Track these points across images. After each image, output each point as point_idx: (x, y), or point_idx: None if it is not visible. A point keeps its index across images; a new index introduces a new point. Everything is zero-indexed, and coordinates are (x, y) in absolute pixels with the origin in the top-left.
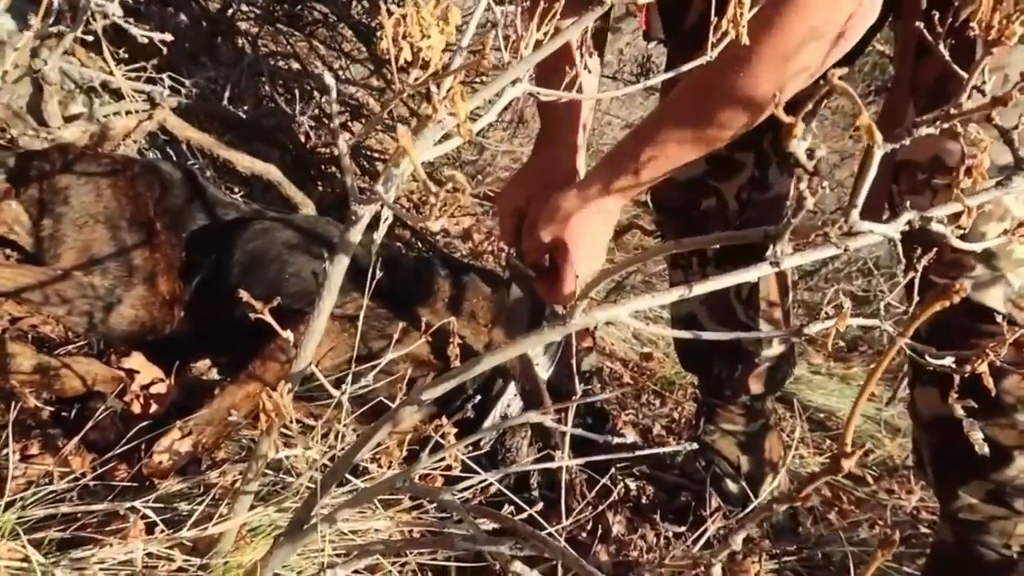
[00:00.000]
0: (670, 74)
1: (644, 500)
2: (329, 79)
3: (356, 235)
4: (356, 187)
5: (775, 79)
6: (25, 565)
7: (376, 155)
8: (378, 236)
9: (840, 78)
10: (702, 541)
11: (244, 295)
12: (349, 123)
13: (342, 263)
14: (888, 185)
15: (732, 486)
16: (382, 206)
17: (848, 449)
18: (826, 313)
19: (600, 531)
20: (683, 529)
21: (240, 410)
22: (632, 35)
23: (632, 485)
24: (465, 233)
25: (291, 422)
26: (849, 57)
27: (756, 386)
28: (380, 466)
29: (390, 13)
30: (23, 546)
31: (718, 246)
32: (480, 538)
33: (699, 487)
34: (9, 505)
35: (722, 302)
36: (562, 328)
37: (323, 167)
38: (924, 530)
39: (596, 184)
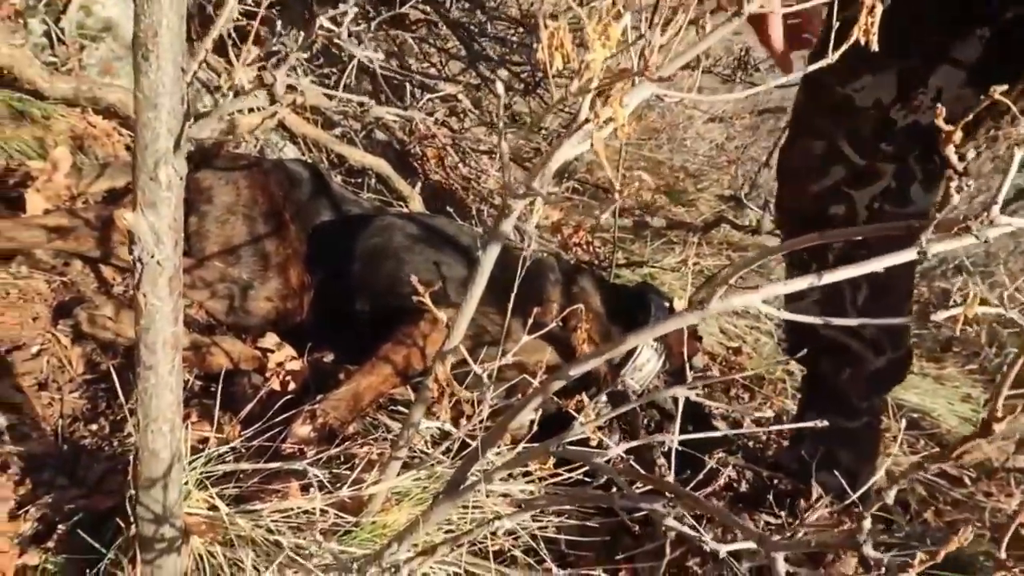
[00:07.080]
0: (781, 80)
1: (743, 490)
2: (500, 88)
3: (508, 226)
4: (512, 181)
5: None
6: (212, 513)
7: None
8: (530, 226)
9: (1002, 93)
10: (802, 531)
11: (413, 279)
12: (447, 118)
13: (493, 251)
14: None
15: (830, 479)
16: (532, 200)
17: (999, 414)
18: (954, 301)
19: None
20: (780, 522)
21: (369, 392)
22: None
23: (732, 474)
24: (554, 226)
25: (454, 393)
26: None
27: (863, 388)
28: None
29: (547, 26)
30: (210, 496)
31: (838, 254)
32: (635, 497)
33: (796, 479)
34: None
35: (838, 310)
36: (700, 312)
37: (424, 160)
38: None
39: None
